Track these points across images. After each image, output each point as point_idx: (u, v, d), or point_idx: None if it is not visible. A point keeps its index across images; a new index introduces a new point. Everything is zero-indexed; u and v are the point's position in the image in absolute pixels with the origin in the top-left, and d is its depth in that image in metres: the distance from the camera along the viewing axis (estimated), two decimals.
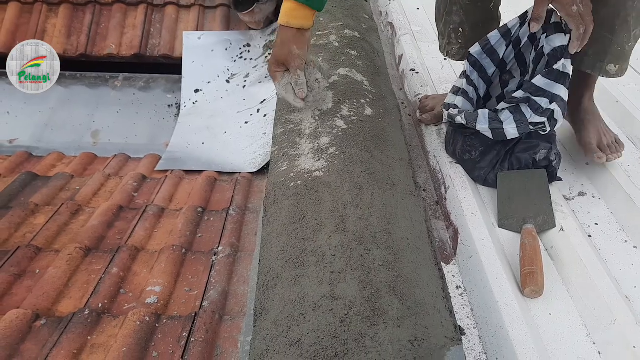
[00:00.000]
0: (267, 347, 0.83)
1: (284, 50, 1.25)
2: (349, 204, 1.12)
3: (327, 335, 0.84)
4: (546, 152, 1.35)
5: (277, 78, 1.32)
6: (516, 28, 1.35)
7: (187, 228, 1.47)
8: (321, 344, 0.82)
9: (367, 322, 0.86)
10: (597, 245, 1.27)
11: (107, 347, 1.06)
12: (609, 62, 1.30)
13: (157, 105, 2.65)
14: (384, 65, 1.81)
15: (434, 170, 1.51)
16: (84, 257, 1.34)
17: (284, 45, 1.25)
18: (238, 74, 2.62)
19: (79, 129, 2.53)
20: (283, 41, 1.24)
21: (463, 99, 1.41)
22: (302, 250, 1.04)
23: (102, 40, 2.72)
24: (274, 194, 1.18)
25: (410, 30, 2.34)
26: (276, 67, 1.30)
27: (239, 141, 2.18)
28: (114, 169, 1.97)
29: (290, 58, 1.26)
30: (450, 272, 1.22)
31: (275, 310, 0.89)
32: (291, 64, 1.27)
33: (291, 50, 1.25)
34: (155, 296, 1.20)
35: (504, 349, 1.01)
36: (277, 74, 1.31)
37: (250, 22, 2.78)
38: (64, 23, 2.72)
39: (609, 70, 1.31)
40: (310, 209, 1.13)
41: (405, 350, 0.82)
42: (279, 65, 1.30)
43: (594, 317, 1.08)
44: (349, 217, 1.09)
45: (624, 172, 1.40)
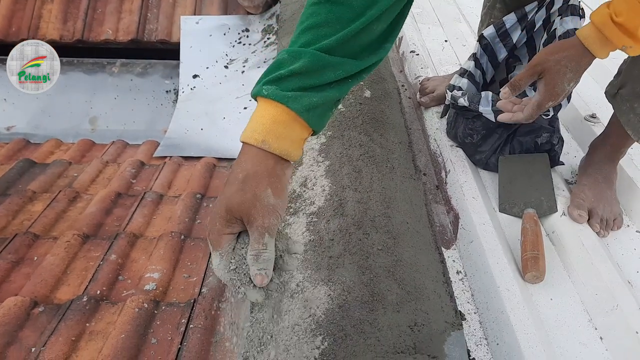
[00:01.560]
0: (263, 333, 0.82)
1: (246, 192, 0.65)
2: (348, 188, 1.10)
3: (326, 320, 0.83)
4: (548, 136, 1.33)
5: (220, 244, 0.68)
6: (533, 12, 1.32)
7: (185, 214, 1.46)
8: (319, 329, 0.81)
9: (366, 307, 0.85)
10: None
11: (106, 334, 1.05)
12: None
13: (155, 91, 2.63)
14: None
15: (434, 153, 1.49)
16: (82, 244, 1.34)
17: (249, 182, 0.65)
18: (237, 59, 2.59)
19: (77, 116, 2.51)
20: (247, 176, 0.66)
21: (468, 81, 1.38)
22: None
23: (99, 26, 2.70)
24: None
25: (410, 12, 2.30)
26: (224, 224, 0.67)
27: (237, 127, 2.16)
28: (112, 155, 1.96)
29: (255, 211, 0.65)
30: (451, 256, 1.21)
31: None
32: (256, 221, 0.65)
33: (261, 196, 0.65)
34: (154, 283, 1.20)
35: (504, 334, 1.00)
36: (223, 238, 0.68)
37: (248, 7, 2.74)
38: (60, 8, 2.69)
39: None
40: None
41: (405, 336, 0.81)
42: (230, 221, 0.67)
43: (595, 302, 1.07)
44: (348, 201, 1.07)
45: (628, 156, 1.38)
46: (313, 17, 0.70)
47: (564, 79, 0.94)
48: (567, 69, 0.93)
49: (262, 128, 0.66)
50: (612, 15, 0.85)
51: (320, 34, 0.69)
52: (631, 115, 1.13)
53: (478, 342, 1.03)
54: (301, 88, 0.68)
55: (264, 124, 0.66)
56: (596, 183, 1.25)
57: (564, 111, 1.28)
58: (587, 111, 1.57)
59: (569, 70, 0.93)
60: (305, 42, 0.70)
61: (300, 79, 0.67)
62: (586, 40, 0.90)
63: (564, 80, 0.94)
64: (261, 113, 0.67)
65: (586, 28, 0.91)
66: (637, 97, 1.11)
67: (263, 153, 0.66)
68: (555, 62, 0.94)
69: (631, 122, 1.13)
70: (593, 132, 1.41)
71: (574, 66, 0.93)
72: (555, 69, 0.94)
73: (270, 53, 2.50)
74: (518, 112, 1.05)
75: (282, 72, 0.67)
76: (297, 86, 0.67)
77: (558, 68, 0.94)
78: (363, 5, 0.69)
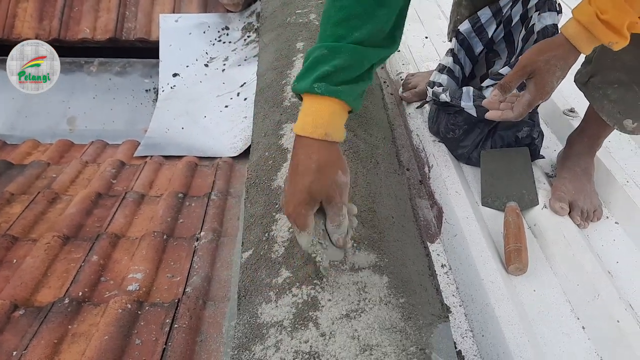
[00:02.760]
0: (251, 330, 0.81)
1: (323, 179, 0.75)
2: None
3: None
4: (529, 130, 1.35)
5: (307, 224, 0.78)
6: (508, 7, 1.33)
7: (168, 214, 1.44)
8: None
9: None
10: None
11: (89, 336, 1.04)
12: (628, 117, 1.14)
13: (135, 90, 2.59)
14: None
15: (417, 149, 1.50)
16: (63, 246, 1.31)
17: (323, 171, 0.75)
18: (217, 58, 2.57)
19: (54, 116, 2.46)
20: (321, 165, 0.75)
21: (448, 77, 1.40)
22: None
23: (76, 25, 2.65)
24: (255, 174, 1.16)
25: None
26: (308, 208, 0.77)
27: (219, 125, 2.15)
28: (91, 155, 1.93)
29: (333, 191, 0.77)
30: (435, 250, 1.22)
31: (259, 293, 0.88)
32: (334, 199, 0.77)
33: (336, 179, 0.77)
34: (137, 283, 1.18)
35: (489, 326, 1.01)
36: (309, 219, 0.78)
37: (228, 5, 2.72)
38: (35, 7, 2.63)
39: (625, 125, 1.16)
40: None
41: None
42: (311, 204, 0.77)
43: (577, 292, 1.09)
44: None
45: (605, 149, 1.41)
46: (341, 11, 0.77)
47: (554, 77, 0.96)
48: (557, 68, 0.95)
49: (323, 122, 0.76)
50: (597, 13, 0.86)
51: (352, 27, 0.76)
52: (605, 102, 1.16)
53: (464, 334, 1.04)
54: (346, 81, 0.76)
55: (323, 117, 0.76)
56: (576, 176, 1.28)
57: (544, 105, 1.30)
58: (565, 105, 1.60)
59: (558, 69, 0.95)
60: (339, 36, 0.77)
61: (345, 73, 0.76)
62: (574, 39, 0.91)
63: (554, 79, 0.96)
64: (318, 108, 0.76)
65: (572, 27, 0.91)
66: (609, 84, 1.13)
67: (327, 143, 0.77)
68: (545, 62, 0.95)
69: (605, 109, 1.16)
70: (572, 126, 1.43)
71: (563, 64, 0.95)
72: (545, 68, 0.95)
73: (250, 51, 2.49)
74: (507, 111, 1.07)
75: (327, 69, 0.75)
76: (343, 79, 0.76)
77: (548, 67, 0.95)
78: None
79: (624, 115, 1.14)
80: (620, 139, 1.49)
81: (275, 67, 1.51)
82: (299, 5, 1.73)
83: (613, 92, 1.14)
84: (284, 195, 0.81)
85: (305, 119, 0.77)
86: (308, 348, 0.75)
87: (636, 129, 1.16)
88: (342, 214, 0.79)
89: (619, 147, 1.45)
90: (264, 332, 0.80)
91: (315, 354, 0.73)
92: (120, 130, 2.41)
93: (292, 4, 1.77)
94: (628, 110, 1.13)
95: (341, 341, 0.75)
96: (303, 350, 0.74)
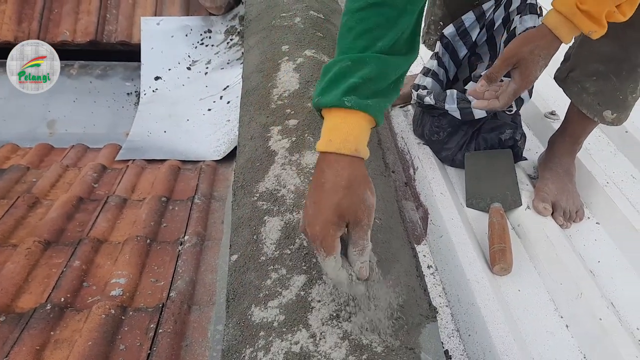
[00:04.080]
0: (241, 333, 0.81)
1: (353, 197, 0.71)
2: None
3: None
4: (512, 132, 1.37)
5: (334, 248, 0.72)
6: (491, 10, 1.36)
7: (151, 218, 1.43)
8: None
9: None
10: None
11: (72, 342, 1.02)
12: (607, 108, 1.17)
13: (116, 94, 2.56)
14: None
15: (402, 151, 1.51)
16: (44, 251, 1.29)
17: (353, 188, 0.71)
18: (199, 61, 2.56)
19: (34, 119, 2.42)
20: (351, 182, 0.71)
21: (433, 80, 1.41)
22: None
23: (55, 27, 2.61)
24: (242, 177, 1.16)
25: None
26: (336, 229, 0.71)
27: (202, 129, 2.14)
28: (72, 159, 1.90)
29: (361, 212, 0.72)
30: (422, 251, 1.23)
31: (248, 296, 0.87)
32: (362, 221, 0.72)
33: (364, 198, 0.72)
34: (120, 288, 1.16)
35: (476, 326, 1.02)
36: (336, 242, 0.72)
37: (210, 8, 2.71)
38: (14, 9, 2.59)
39: (605, 117, 1.19)
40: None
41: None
42: (340, 225, 0.72)
43: (561, 291, 1.10)
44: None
45: (585, 151, 1.44)
46: (363, 23, 0.75)
47: (537, 66, 0.99)
48: (540, 57, 0.98)
49: (354, 138, 0.72)
50: (577, 3, 0.89)
51: (375, 37, 0.74)
52: (584, 95, 1.19)
53: (450, 334, 1.05)
54: (374, 93, 0.74)
55: (353, 133, 0.72)
56: (558, 177, 1.30)
57: (525, 108, 1.32)
58: (546, 108, 1.63)
59: (541, 58, 0.98)
60: (363, 47, 0.74)
61: (372, 84, 0.73)
62: (556, 29, 0.94)
63: (537, 68, 1.00)
64: (348, 122, 0.72)
65: (553, 17, 0.94)
66: (588, 76, 1.16)
67: (357, 160, 0.72)
68: (529, 52, 0.98)
69: (585, 102, 1.19)
70: (553, 128, 1.46)
71: (545, 54, 0.98)
72: (529, 58, 0.98)
73: (233, 54, 2.48)
74: (493, 100, 1.09)
75: (355, 81, 0.72)
76: (371, 91, 0.73)
77: (532, 57, 0.98)
78: (403, 1, 0.74)
79: (603, 107, 1.17)
80: (600, 141, 1.52)
81: (261, 70, 1.50)
82: (284, 8, 1.73)
83: (592, 85, 1.17)
84: (305, 217, 0.74)
85: (332, 134, 0.72)
86: (298, 349, 0.74)
87: (616, 120, 1.19)
88: (367, 238, 0.73)
89: (599, 149, 1.48)
90: (253, 334, 0.79)
91: (306, 355, 0.73)
92: (102, 134, 2.38)
93: (278, 6, 1.77)
94: (607, 101, 1.17)
95: (332, 342, 0.75)
96: (294, 352, 0.74)
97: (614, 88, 1.14)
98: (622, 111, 1.18)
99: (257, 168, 1.15)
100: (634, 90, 1.14)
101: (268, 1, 1.85)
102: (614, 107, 1.17)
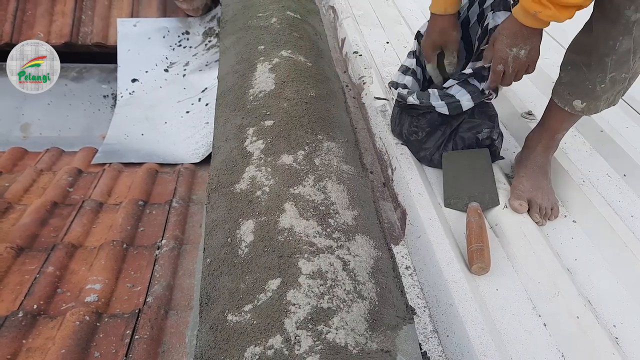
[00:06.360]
0: (214, 338, 0.79)
1: (444, 36, 1.33)
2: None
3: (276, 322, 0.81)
4: (489, 132, 1.37)
5: (432, 59, 1.40)
6: (465, 8, 1.36)
7: (127, 222, 1.40)
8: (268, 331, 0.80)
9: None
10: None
11: (45, 350, 1.00)
12: (577, 97, 1.20)
13: (92, 96, 2.52)
14: (326, 48, 1.79)
15: (380, 152, 1.51)
16: (16, 257, 1.26)
17: (446, 30, 1.32)
18: (177, 63, 2.53)
19: (7, 123, 2.37)
20: (444, 28, 1.31)
21: (412, 78, 1.41)
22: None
23: (29, 29, 2.56)
24: (217, 179, 1.14)
25: (352, 14, 2.33)
26: (433, 51, 1.37)
27: (180, 131, 2.12)
28: (46, 163, 1.87)
29: (449, 42, 1.34)
30: (400, 252, 1.22)
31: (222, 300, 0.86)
32: (450, 47, 1.35)
33: (452, 35, 1.33)
34: (95, 294, 1.14)
35: (454, 326, 1.02)
36: (433, 56, 1.39)
37: (187, 9, 2.68)
38: None
39: (575, 106, 1.21)
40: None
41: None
42: (435, 47, 1.37)
43: (538, 290, 1.11)
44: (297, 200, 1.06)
45: (561, 150, 1.45)
46: None
47: (503, 44, 1.16)
48: (504, 36, 1.15)
49: (443, 2, 1.28)
50: None
51: None
52: (557, 85, 1.25)
53: (429, 335, 1.04)
54: None
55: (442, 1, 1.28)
56: (533, 174, 1.31)
57: (502, 108, 1.32)
58: (523, 108, 1.64)
59: (505, 37, 1.14)
60: None
61: None
62: (516, 14, 1.09)
63: (504, 45, 1.15)
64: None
65: (517, 6, 1.09)
66: (564, 66, 1.22)
67: (446, 16, 1.30)
68: (498, 33, 1.17)
69: (558, 92, 1.25)
70: (529, 127, 1.46)
71: (509, 33, 1.14)
72: (498, 38, 1.17)
73: (212, 56, 2.46)
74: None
75: None
76: None
77: (498, 37, 1.17)
78: None
79: (573, 96, 1.21)
80: (576, 140, 1.53)
81: (236, 71, 1.49)
82: (260, 9, 1.72)
83: (565, 75, 1.21)
84: (422, 43, 1.39)
85: (433, 3, 1.29)
86: (272, 354, 0.73)
87: (585, 109, 1.22)
88: (453, 54, 1.37)
89: (575, 148, 1.50)
90: (227, 339, 0.78)
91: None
92: (77, 137, 2.35)
93: (253, 7, 1.75)
94: (576, 91, 1.20)
95: (306, 346, 0.74)
96: (268, 356, 0.73)
97: (584, 78, 1.18)
98: (590, 101, 1.20)
99: (232, 170, 1.14)
100: (602, 81, 1.16)
101: (244, 1, 1.84)
102: (583, 96, 1.20)
